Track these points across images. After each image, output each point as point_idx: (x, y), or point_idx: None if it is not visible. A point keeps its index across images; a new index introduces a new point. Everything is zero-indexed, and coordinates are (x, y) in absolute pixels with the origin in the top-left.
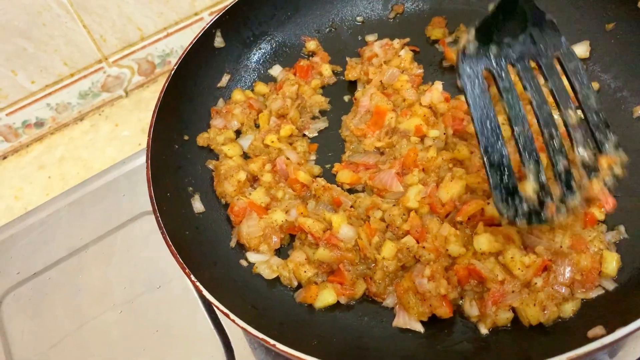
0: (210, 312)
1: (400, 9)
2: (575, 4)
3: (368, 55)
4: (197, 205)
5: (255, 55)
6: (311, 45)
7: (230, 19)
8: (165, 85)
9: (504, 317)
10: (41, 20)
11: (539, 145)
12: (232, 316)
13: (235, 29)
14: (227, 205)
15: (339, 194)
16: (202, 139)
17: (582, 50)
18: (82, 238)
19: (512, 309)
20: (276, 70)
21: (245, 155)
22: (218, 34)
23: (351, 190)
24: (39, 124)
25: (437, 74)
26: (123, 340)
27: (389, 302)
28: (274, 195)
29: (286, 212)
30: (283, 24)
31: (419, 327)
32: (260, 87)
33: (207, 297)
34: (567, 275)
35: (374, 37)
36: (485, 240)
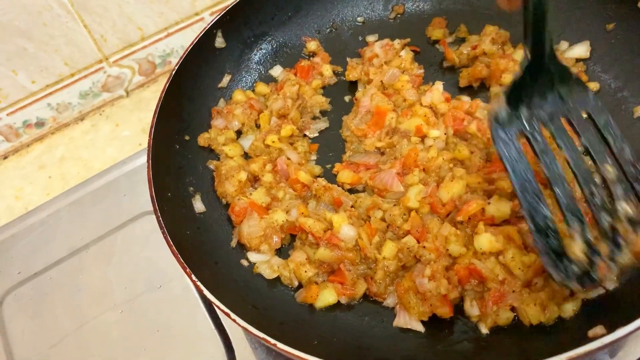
0: (210, 312)
1: (401, 10)
2: (575, 4)
3: (369, 56)
4: (198, 205)
5: (256, 56)
6: (312, 45)
7: (231, 19)
8: (166, 86)
9: (505, 316)
10: (42, 20)
11: (582, 204)
12: (233, 316)
13: (236, 29)
14: (227, 205)
15: (339, 194)
16: (203, 139)
17: (582, 51)
18: (83, 238)
19: (513, 309)
20: (277, 71)
21: (246, 156)
22: (219, 34)
23: (352, 190)
24: (40, 123)
25: (437, 74)
26: (123, 340)
27: (389, 301)
28: (274, 195)
29: (287, 212)
30: (284, 25)
31: (419, 327)
32: (261, 87)
33: (208, 297)
34: None
35: (374, 37)
36: (485, 240)
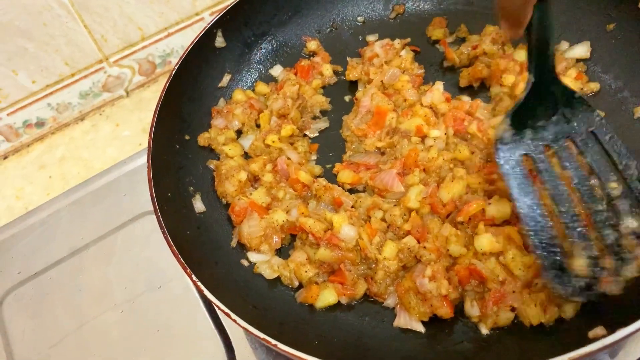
0: (211, 312)
1: (401, 9)
2: (576, 4)
3: (369, 56)
4: (198, 205)
5: (256, 55)
6: (312, 45)
7: (231, 19)
8: (166, 85)
9: (505, 317)
10: (42, 20)
11: (587, 221)
12: (233, 316)
13: (236, 28)
14: (228, 205)
15: (339, 194)
16: (203, 139)
17: (582, 51)
18: (83, 238)
19: (513, 309)
20: (277, 70)
21: (246, 155)
22: (219, 33)
23: (352, 190)
24: (40, 123)
25: (438, 74)
26: (123, 340)
27: (389, 302)
28: (274, 195)
29: (287, 212)
30: (284, 24)
31: (419, 327)
32: (261, 87)
33: (208, 297)
34: None
35: (374, 37)
36: (486, 240)
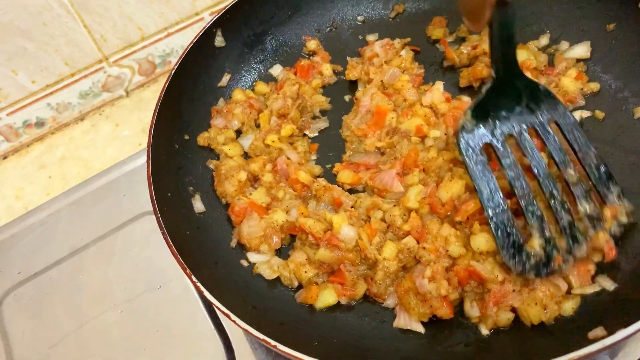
0: (210, 312)
1: (401, 9)
2: (576, 4)
3: (369, 55)
4: (198, 205)
5: (255, 55)
6: (312, 44)
7: (231, 19)
8: (166, 85)
9: (505, 317)
10: (42, 20)
11: (543, 205)
12: (233, 317)
13: (236, 28)
14: (227, 205)
15: (339, 194)
16: (202, 139)
17: (583, 51)
18: (83, 238)
19: (513, 310)
20: (277, 70)
21: (245, 155)
22: (218, 33)
23: (352, 191)
24: (40, 123)
25: (438, 74)
26: (123, 340)
27: (389, 302)
28: (274, 195)
29: (287, 212)
30: (283, 24)
31: (419, 328)
32: (261, 86)
33: (208, 298)
34: None
35: (374, 36)
36: (482, 239)
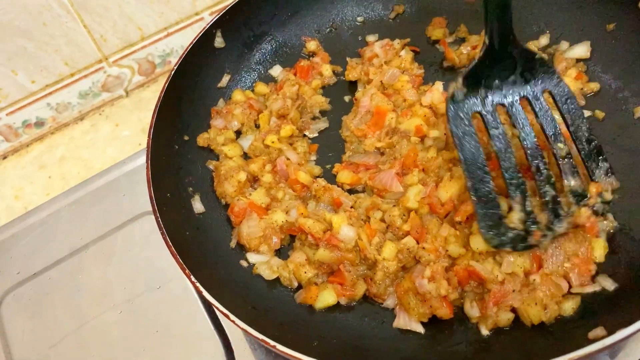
0: (210, 313)
1: (401, 9)
2: (576, 4)
3: (368, 56)
4: (197, 206)
5: (255, 56)
6: (311, 45)
7: (231, 19)
8: (166, 85)
9: (505, 317)
10: (42, 20)
11: (528, 178)
12: (232, 317)
13: (236, 29)
14: (227, 205)
15: (339, 195)
16: (202, 139)
17: (582, 51)
18: (83, 238)
19: (513, 310)
20: (276, 71)
21: (245, 156)
22: (218, 34)
23: (351, 191)
24: (39, 123)
25: (437, 74)
26: (123, 340)
27: (389, 303)
28: (274, 196)
29: (286, 213)
30: (283, 24)
31: (419, 328)
32: (261, 87)
33: (207, 298)
34: (560, 257)
35: (374, 37)
36: (481, 239)
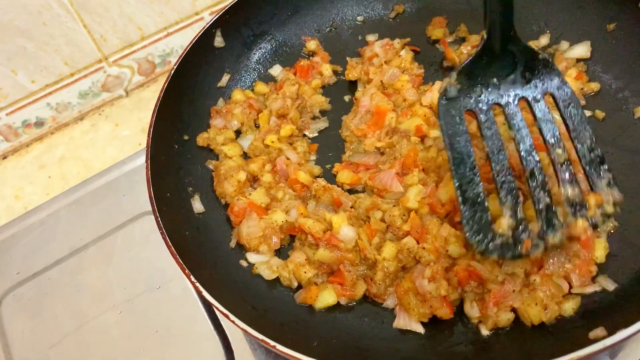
0: (210, 313)
1: (401, 9)
2: (576, 4)
3: (368, 55)
4: (197, 206)
5: (255, 55)
6: (311, 45)
7: (231, 19)
8: (165, 85)
9: (505, 318)
10: (41, 20)
11: (522, 184)
12: (232, 317)
13: (236, 28)
14: (227, 205)
15: (339, 195)
16: (202, 139)
17: (583, 51)
18: (82, 238)
19: (513, 310)
20: (276, 70)
21: (245, 155)
22: (218, 33)
23: (351, 191)
24: (39, 123)
25: (437, 74)
26: (123, 341)
27: (389, 303)
28: (274, 196)
29: (286, 213)
30: (283, 24)
31: (419, 328)
32: (261, 87)
33: (207, 298)
34: (561, 258)
35: (374, 37)
36: None
